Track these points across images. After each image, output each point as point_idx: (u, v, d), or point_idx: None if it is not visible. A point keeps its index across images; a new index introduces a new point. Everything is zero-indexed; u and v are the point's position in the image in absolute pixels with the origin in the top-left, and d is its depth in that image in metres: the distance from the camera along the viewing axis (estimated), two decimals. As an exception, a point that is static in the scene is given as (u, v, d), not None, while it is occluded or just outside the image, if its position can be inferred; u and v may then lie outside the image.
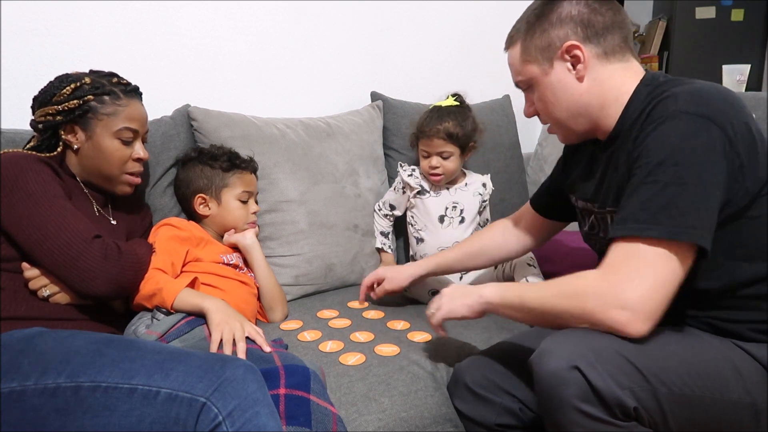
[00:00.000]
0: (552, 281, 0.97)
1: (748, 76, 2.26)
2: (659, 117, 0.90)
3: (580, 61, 1.00)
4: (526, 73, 1.06)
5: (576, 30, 1.00)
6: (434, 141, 1.58)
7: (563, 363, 0.85)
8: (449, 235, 1.62)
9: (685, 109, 0.89)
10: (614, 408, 0.84)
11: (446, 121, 1.58)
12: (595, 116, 1.04)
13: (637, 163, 0.91)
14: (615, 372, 0.84)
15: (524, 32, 1.05)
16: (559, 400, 0.85)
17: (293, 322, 1.43)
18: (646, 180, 0.89)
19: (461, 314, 1.08)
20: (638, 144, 0.92)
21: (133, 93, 1.24)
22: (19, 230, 1.06)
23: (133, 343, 0.96)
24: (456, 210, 1.64)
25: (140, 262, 1.15)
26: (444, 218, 1.64)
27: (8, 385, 0.88)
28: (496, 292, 1.03)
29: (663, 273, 0.86)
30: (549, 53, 1.02)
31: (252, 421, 0.85)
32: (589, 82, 1.02)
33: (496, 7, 2.21)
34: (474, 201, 1.67)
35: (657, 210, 0.86)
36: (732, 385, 0.90)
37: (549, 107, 1.06)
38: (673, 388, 0.87)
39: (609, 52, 1.01)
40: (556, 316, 0.93)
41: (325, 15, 1.88)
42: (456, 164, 1.62)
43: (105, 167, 1.21)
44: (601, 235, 1.10)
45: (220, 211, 1.43)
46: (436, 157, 1.60)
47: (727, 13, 3.52)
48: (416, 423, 1.14)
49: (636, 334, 0.86)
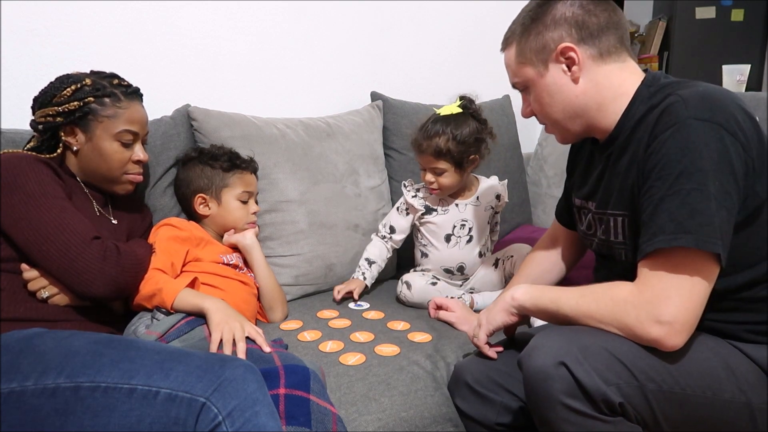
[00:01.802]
0: (586, 289, 0.97)
1: (748, 76, 2.26)
2: (671, 123, 0.90)
3: (575, 62, 1.00)
4: (522, 75, 1.06)
5: (570, 32, 1.00)
6: (426, 157, 1.49)
7: (550, 359, 0.87)
8: (454, 256, 1.57)
9: (696, 115, 0.88)
10: (600, 403, 0.86)
11: (437, 135, 1.45)
12: (593, 117, 1.04)
13: (656, 173, 0.90)
14: (601, 368, 0.86)
15: (519, 34, 1.05)
16: (545, 396, 0.87)
17: (293, 322, 1.43)
18: (669, 191, 0.88)
19: (501, 321, 1.09)
20: (653, 152, 0.91)
21: (134, 95, 1.24)
22: (19, 231, 1.05)
23: (133, 343, 0.96)
24: (464, 228, 1.57)
25: (139, 263, 1.15)
26: (451, 237, 1.57)
27: (8, 385, 0.88)
28: (528, 295, 1.04)
29: (695, 284, 0.87)
30: (544, 55, 1.02)
31: (252, 421, 0.85)
32: (584, 83, 1.02)
33: (496, 7, 2.21)
34: (485, 216, 1.59)
35: (683, 218, 0.86)
36: (725, 385, 0.90)
37: (545, 108, 1.06)
38: (662, 386, 0.88)
39: (604, 53, 1.00)
40: (591, 325, 0.94)
41: (325, 15, 1.88)
42: (452, 179, 1.50)
43: (104, 169, 1.21)
44: (598, 235, 1.10)
45: (221, 211, 1.43)
46: (429, 173, 1.51)
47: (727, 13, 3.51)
48: (416, 423, 1.14)
49: (673, 348, 0.88)
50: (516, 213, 2.01)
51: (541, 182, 2.14)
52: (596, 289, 0.96)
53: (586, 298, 0.95)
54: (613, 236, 1.05)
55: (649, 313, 0.87)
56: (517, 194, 2.03)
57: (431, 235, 1.59)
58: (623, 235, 1.02)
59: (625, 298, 0.91)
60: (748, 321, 0.95)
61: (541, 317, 1.05)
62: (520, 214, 2.02)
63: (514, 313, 1.07)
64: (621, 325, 0.90)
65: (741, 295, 0.95)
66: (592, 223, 1.12)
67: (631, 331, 0.89)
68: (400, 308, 1.53)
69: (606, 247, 1.08)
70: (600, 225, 1.08)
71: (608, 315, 0.92)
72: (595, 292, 0.96)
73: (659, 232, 0.88)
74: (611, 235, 1.05)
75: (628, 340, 0.90)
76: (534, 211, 2.15)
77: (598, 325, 0.93)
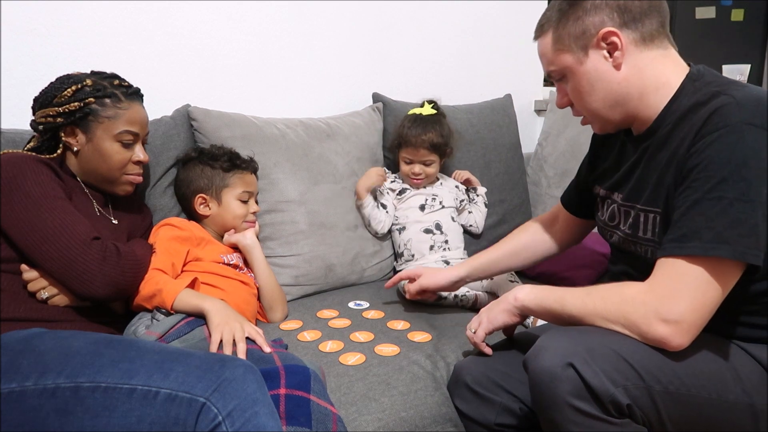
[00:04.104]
0: (592, 288, 0.96)
1: (748, 76, 2.25)
2: (721, 125, 0.87)
3: (617, 48, 0.96)
4: (560, 63, 1.01)
5: (612, 16, 0.96)
6: (420, 151, 1.68)
7: (557, 360, 0.86)
8: (430, 217, 1.72)
9: (750, 120, 0.85)
10: (607, 405, 0.85)
11: (429, 131, 1.67)
12: (634, 106, 1.00)
13: (696, 173, 0.88)
14: (609, 369, 0.85)
15: (556, 20, 1.00)
16: (552, 397, 0.86)
17: (293, 322, 1.43)
18: (710, 195, 0.86)
19: (502, 321, 1.09)
20: (696, 152, 0.89)
21: (135, 96, 1.24)
22: (18, 232, 1.05)
23: (133, 343, 0.96)
24: (435, 200, 1.75)
25: (139, 264, 1.15)
26: (424, 207, 1.73)
27: (8, 385, 0.88)
28: (531, 296, 1.03)
29: (710, 288, 0.86)
30: (584, 41, 0.98)
31: (252, 421, 0.85)
32: (627, 69, 0.97)
33: (496, 7, 2.21)
34: (450, 195, 1.77)
35: (722, 228, 0.84)
36: (730, 386, 0.90)
37: (584, 97, 1.02)
38: (668, 387, 0.87)
39: (647, 38, 0.97)
40: (597, 324, 0.93)
41: (326, 15, 1.88)
42: (436, 169, 1.74)
43: (105, 169, 1.21)
44: (622, 228, 1.07)
45: (221, 211, 1.43)
46: (418, 165, 1.71)
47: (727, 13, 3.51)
48: (416, 423, 1.14)
49: (678, 348, 0.87)
50: (516, 213, 2.01)
51: (541, 182, 2.14)
52: (603, 287, 0.95)
53: (592, 296, 0.95)
54: (641, 232, 1.02)
55: (657, 311, 0.86)
56: (517, 194, 2.03)
57: (407, 209, 1.73)
58: (653, 232, 1.00)
59: (634, 296, 0.90)
60: (756, 323, 0.95)
61: (546, 318, 1.04)
62: (520, 214, 2.02)
63: (516, 314, 1.07)
64: (627, 322, 0.89)
65: (752, 298, 0.94)
66: (615, 215, 1.09)
67: (637, 329, 0.88)
68: (400, 308, 1.53)
69: (630, 242, 1.06)
70: (626, 218, 1.06)
71: (615, 312, 0.90)
72: (602, 290, 0.95)
73: (694, 237, 0.86)
74: (639, 230, 1.02)
75: (634, 341, 0.89)
76: (534, 211, 2.15)
77: (604, 324, 0.91)
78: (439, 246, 1.70)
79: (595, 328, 0.92)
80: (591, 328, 0.92)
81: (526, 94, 2.31)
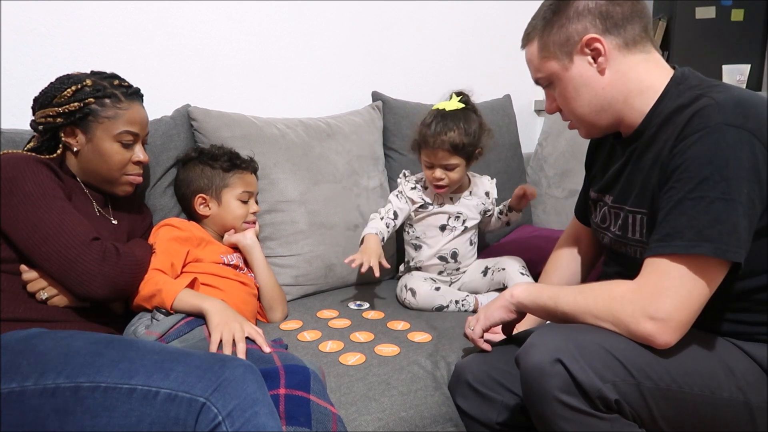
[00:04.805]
0: (585, 286, 0.98)
1: (748, 76, 2.25)
2: (702, 127, 0.88)
3: (600, 54, 0.98)
4: (546, 70, 1.04)
5: (595, 22, 0.98)
6: (438, 153, 1.45)
7: (547, 356, 0.88)
8: (449, 245, 1.58)
9: (730, 121, 0.87)
10: (596, 400, 0.86)
11: (451, 130, 1.43)
12: (619, 110, 1.02)
13: (678, 174, 0.89)
14: (598, 365, 0.86)
15: (541, 29, 1.03)
16: (541, 392, 0.88)
17: (293, 322, 1.43)
18: (691, 195, 0.87)
19: (498, 317, 1.10)
20: (678, 153, 0.90)
21: (135, 96, 1.24)
22: (18, 232, 1.05)
23: (133, 343, 0.96)
24: (459, 220, 1.57)
25: (139, 265, 1.15)
26: (445, 228, 1.57)
27: (8, 385, 0.88)
28: (527, 293, 1.05)
29: (696, 286, 0.87)
30: (568, 48, 1.00)
31: (251, 421, 0.85)
32: (611, 74, 1.00)
33: (497, 7, 2.21)
34: (477, 209, 1.61)
35: (703, 227, 0.86)
36: (723, 383, 0.91)
37: (571, 103, 1.04)
38: (659, 383, 0.88)
39: (630, 43, 0.99)
40: (588, 322, 0.94)
41: (325, 15, 1.88)
42: (461, 174, 1.50)
43: (104, 170, 1.21)
44: (613, 230, 1.09)
45: (221, 211, 1.43)
46: (439, 169, 1.48)
47: (727, 13, 3.50)
48: (416, 423, 1.14)
49: (665, 345, 0.88)
50: (516, 213, 2.01)
51: (541, 182, 2.14)
52: (595, 285, 0.97)
53: (584, 294, 0.96)
54: (630, 233, 1.04)
55: (644, 309, 0.88)
56: (517, 194, 2.03)
57: (426, 227, 1.58)
58: (641, 233, 1.02)
59: (623, 294, 0.91)
60: (753, 321, 0.96)
61: (540, 315, 1.06)
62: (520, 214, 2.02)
63: (513, 310, 1.08)
64: (615, 320, 0.91)
65: (757, 297, 0.95)
66: (606, 217, 1.11)
67: (624, 326, 0.90)
68: (400, 308, 1.54)
69: (620, 244, 1.08)
70: (616, 220, 1.08)
71: (604, 310, 0.92)
72: (594, 288, 0.97)
73: (677, 236, 0.88)
74: (628, 231, 1.04)
75: (625, 338, 0.90)
76: (534, 211, 2.15)
77: (594, 321, 0.93)
78: (449, 273, 1.61)
79: (586, 325, 0.94)
80: (582, 326, 0.94)
81: (526, 94, 2.31)
